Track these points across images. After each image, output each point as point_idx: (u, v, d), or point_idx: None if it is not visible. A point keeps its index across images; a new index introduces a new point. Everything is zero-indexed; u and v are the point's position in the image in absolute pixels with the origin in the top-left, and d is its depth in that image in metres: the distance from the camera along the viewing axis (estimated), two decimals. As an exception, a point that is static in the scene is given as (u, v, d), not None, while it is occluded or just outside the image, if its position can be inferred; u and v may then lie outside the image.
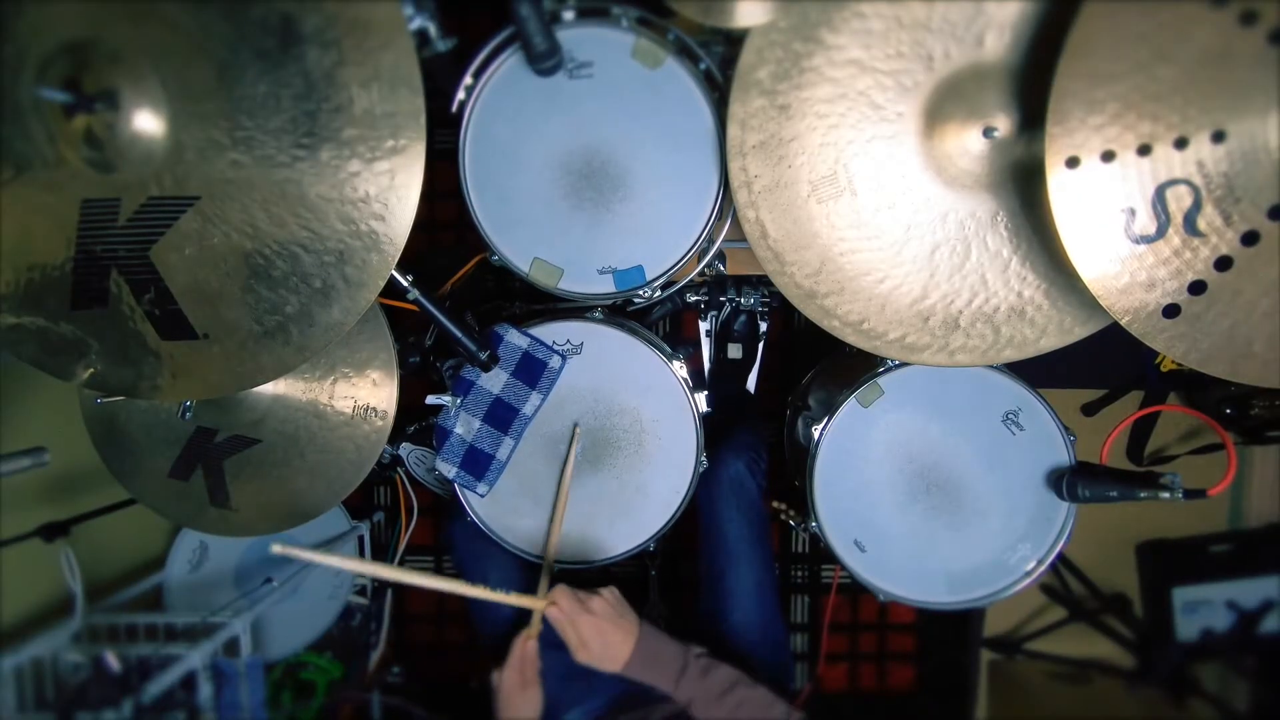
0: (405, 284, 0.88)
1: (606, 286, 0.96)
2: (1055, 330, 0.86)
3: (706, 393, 1.08)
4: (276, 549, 0.78)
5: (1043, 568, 1.02)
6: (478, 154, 0.91)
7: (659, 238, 0.94)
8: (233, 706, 1.07)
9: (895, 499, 1.04)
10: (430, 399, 1.03)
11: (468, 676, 1.68)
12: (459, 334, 0.94)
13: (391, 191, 0.73)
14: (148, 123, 0.72)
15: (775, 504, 1.27)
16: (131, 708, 0.91)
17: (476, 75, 0.88)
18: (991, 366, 0.98)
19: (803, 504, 1.08)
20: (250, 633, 1.11)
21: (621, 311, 1.18)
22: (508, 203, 0.93)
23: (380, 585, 1.55)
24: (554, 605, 0.91)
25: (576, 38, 0.86)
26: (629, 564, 1.13)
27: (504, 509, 1.08)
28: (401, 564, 1.63)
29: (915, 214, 0.84)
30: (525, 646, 0.95)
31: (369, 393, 1.01)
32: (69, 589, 1.08)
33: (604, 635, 0.90)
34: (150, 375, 0.82)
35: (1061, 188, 0.72)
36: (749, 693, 0.93)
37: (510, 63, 0.88)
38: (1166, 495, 0.89)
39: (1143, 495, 0.91)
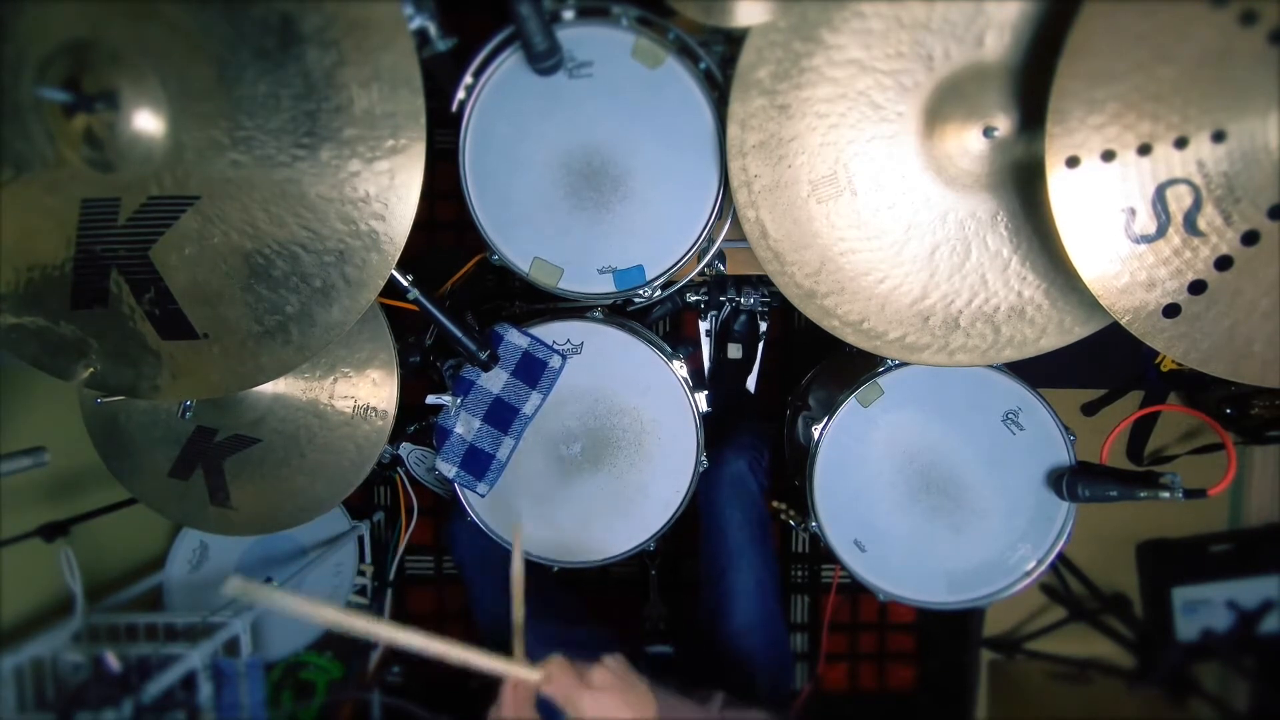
0: (405, 284, 0.88)
1: (606, 286, 0.96)
2: (1055, 330, 0.85)
3: (706, 392, 1.08)
4: (231, 588, 0.63)
5: (1043, 568, 1.02)
6: (478, 154, 0.91)
7: (659, 237, 0.94)
8: (233, 706, 1.07)
9: (895, 499, 1.03)
10: (430, 399, 1.03)
11: (468, 676, 1.68)
12: (459, 334, 0.94)
13: (391, 191, 0.73)
14: (148, 123, 0.72)
15: (775, 504, 1.27)
16: (131, 708, 0.91)
17: (476, 75, 0.88)
18: (991, 366, 0.98)
19: (803, 504, 1.08)
20: (250, 633, 1.11)
21: (621, 311, 1.18)
22: (508, 203, 0.92)
23: (380, 585, 1.55)
24: (549, 682, 0.77)
25: (576, 37, 0.86)
26: (629, 564, 1.13)
27: (504, 509, 1.08)
28: (401, 564, 1.63)
29: (915, 214, 0.84)
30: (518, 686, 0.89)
31: (369, 392, 1.01)
32: (69, 589, 1.08)
33: (609, 714, 0.76)
34: (150, 375, 0.82)
35: (1061, 188, 0.72)
36: None
37: (510, 62, 0.88)
38: (1166, 495, 0.89)
39: (1143, 495, 0.91)
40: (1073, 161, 0.71)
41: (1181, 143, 0.69)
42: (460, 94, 0.89)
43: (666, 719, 0.78)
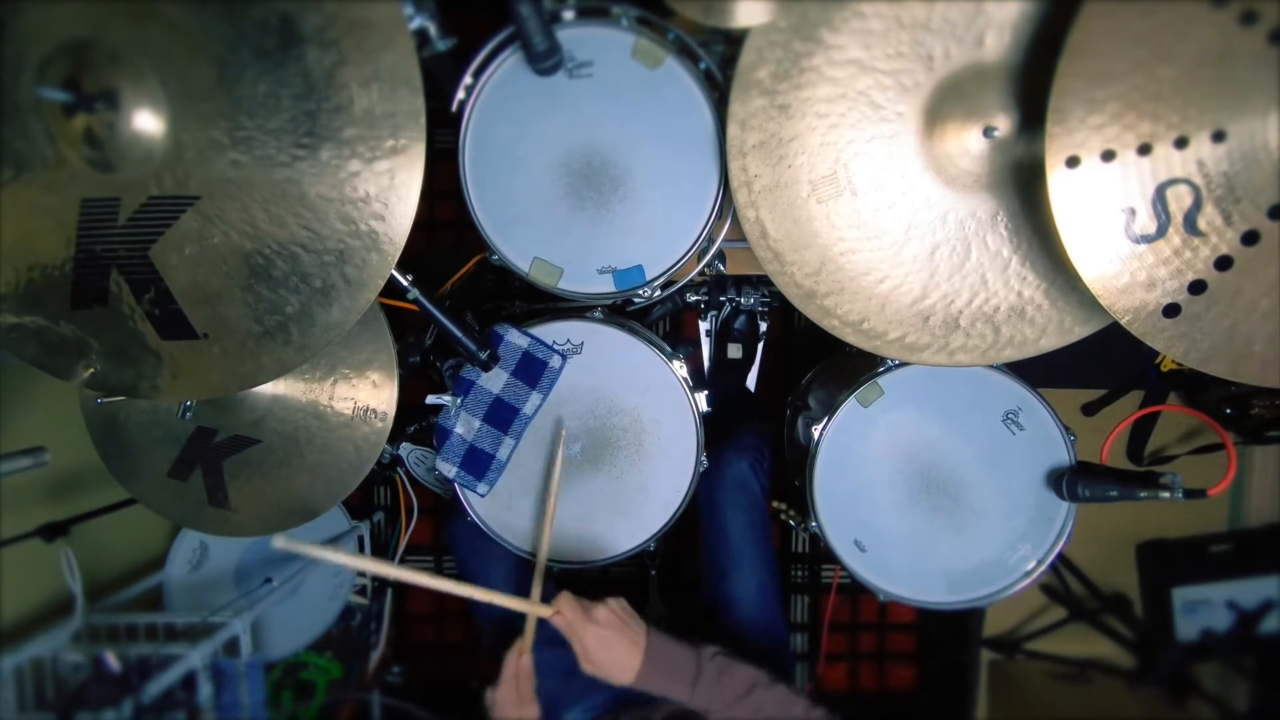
0: (405, 284, 0.88)
1: (606, 286, 0.96)
2: (1055, 330, 0.86)
3: (706, 392, 1.08)
4: (279, 543, 0.77)
5: (1043, 568, 1.02)
6: (478, 154, 0.91)
7: (659, 237, 0.94)
8: (233, 706, 1.07)
9: (895, 499, 1.04)
10: (430, 399, 1.03)
11: (468, 676, 1.68)
12: (459, 334, 0.94)
13: (391, 191, 0.73)
14: (148, 122, 0.72)
15: (775, 504, 1.27)
16: (131, 708, 0.91)
17: (476, 75, 0.88)
18: (991, 366, 0.98)
19: (803, 504, 1.08)
20: (250, 633, 1.11)
21: (621, 311, 1.18)
22: (508, 203, 0.93)
23: (380, 585, 1.55)
24: (558, 614, 0.88)
25: (576, 37, 0.86)
26: (629, 564, 1.13)
27: (504, 509, 1.08)
28: (402, 564, 1.63)
29: (915, 214, 0.84)
30: (519, 663, 0.92)
31: (369, 394, 1.01)
32: (69, 589, 1.08)
33: (609, 647, 0.87)
34: (150, 375, 0.82)
35: (1061, 188, 0.72)
36: (767, 693, 0.90)
37: (510, 62, 0.88)
38: (1166, 495, 0.89)
39: (1143, 495, 0.91)
40: (1073, 161, 0.71)
41: (1181, 143, 0.69)
42: (460, 94, 0.89)
43: (656, 654, 0.88)
